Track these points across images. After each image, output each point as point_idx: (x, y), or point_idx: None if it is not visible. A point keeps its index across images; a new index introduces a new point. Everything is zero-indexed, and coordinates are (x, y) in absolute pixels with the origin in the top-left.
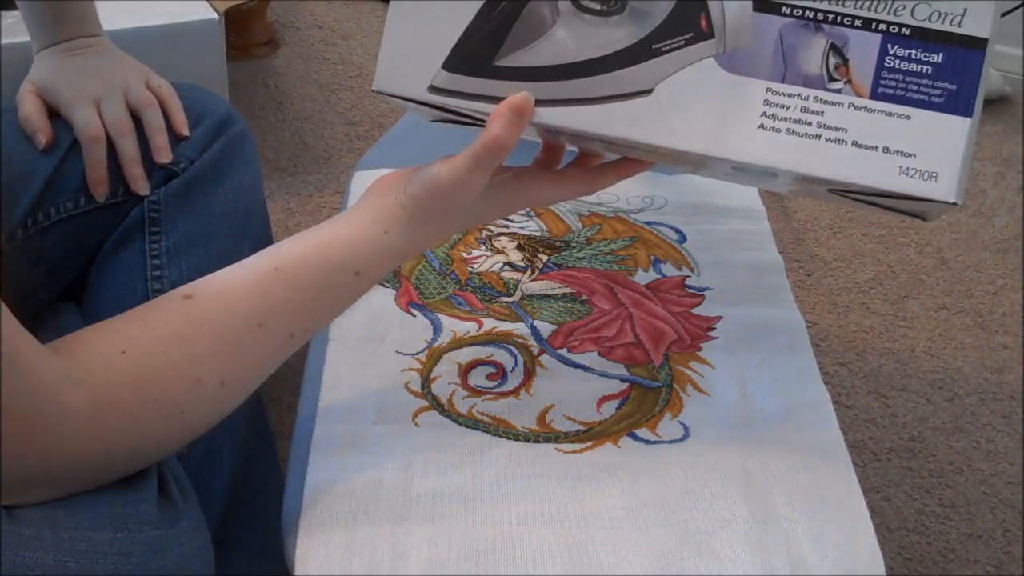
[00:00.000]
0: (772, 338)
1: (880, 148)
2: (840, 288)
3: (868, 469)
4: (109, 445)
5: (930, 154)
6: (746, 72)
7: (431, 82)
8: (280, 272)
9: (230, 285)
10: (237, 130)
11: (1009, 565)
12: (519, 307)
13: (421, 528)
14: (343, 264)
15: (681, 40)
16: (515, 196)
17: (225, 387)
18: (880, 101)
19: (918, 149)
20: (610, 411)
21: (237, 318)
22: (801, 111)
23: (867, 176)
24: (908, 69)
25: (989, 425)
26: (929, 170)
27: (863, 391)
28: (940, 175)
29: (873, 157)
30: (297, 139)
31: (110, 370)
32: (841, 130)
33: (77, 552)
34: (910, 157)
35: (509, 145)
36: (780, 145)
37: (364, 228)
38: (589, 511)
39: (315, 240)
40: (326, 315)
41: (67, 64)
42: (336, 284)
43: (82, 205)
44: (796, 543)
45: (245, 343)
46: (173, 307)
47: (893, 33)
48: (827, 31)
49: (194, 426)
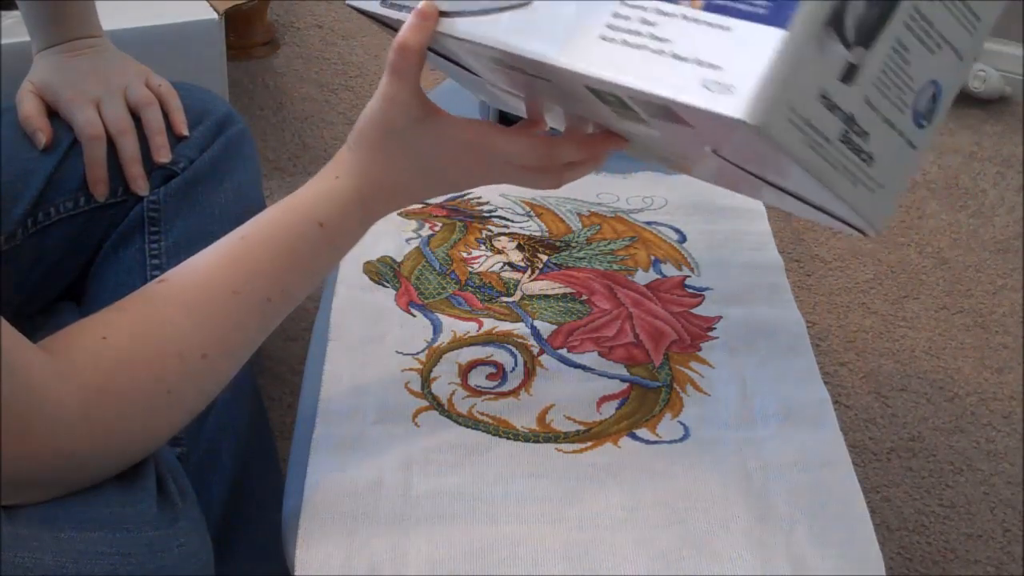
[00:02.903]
0: (772, 338)
1: (692, 60)
2: (840, 288)
3: (868, 469)
4: (103, 434)
5: (734, 67)
6: None
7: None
8: (246, 239)
9: (200, 261)
10: (237, 130)
11: (1009, 565)
12: (519, 307)
13: (421, 528)
14: (304, 218)
15: None
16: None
17: (208, 359)
18: (709, 12)
19: (725, 62)
20: (610, 411)
21: (210, 289)
22: (640, 22)
23: (666, 87)
24: None
25: (989, 425)
26: (726, 83)
27: (863, 391)
28: (736, 88)
29: (681, 68)
30: (297, 139)
31: (94, 357)
32: (665, 41)
33: (76, 552)
34: (715, 69)
35: (416, 47)
36: (610, 54)
37: (319, 180)
38: (589, 511)
39: (278, 204)
40: (301, 273)
41: (67, 64)
42: (301, 238)
43: (82, 205)
44: (796, 543)
45: (221, 312)
46: (148, 291)
47: None
48: None
49: (183, 404)
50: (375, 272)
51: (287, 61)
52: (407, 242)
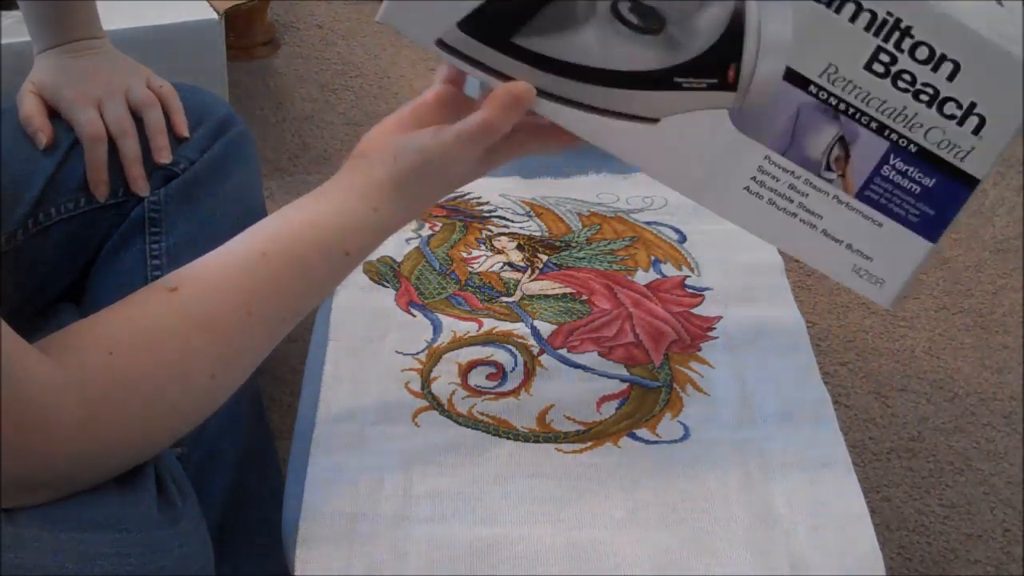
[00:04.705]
0: (772, 338)
1: (844, 243)
2: (840, 288)
3: (868, 469)
4: (103, 445)
5: (885, 263)
6: (752, 134)
7: (441, 35)
8: (267, 257)
9: (215, 274)
10: (237, 131)
11: (1009, 565)
12: (519, 307)
13: (421, 528)
14: (332, 246)
15: (704, 83)
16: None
17: (217, 379)
18: (862, 203)
19: (877, 255)
20: (610, 411)
21: (225, 308)
22: (788, 187)
23: (822, 263)
24: (899, 183)
25: (989, 425)
26: (879, 276)
27: (863, 391)
28: (886, 284)
29: (835, 249)
30: (297, 139)
31: (99, 371)
32: (817, 216)
33: (76, 553)
34: (867, 259)
35: (502, 130)
36: (757, 211)
37: (353, 206)
38: (589, 511)
39: (301, 220)
40: (316, 296)
41: (68, 65)
42: (325, 266)
43: (82, 205)
44: (796, 543)
45: (234, 333)
46: (158, 301)
47: (901, 146)
48: (843, 123)
49: (187, 419)
50: (375, 272)
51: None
52: (407, 242)
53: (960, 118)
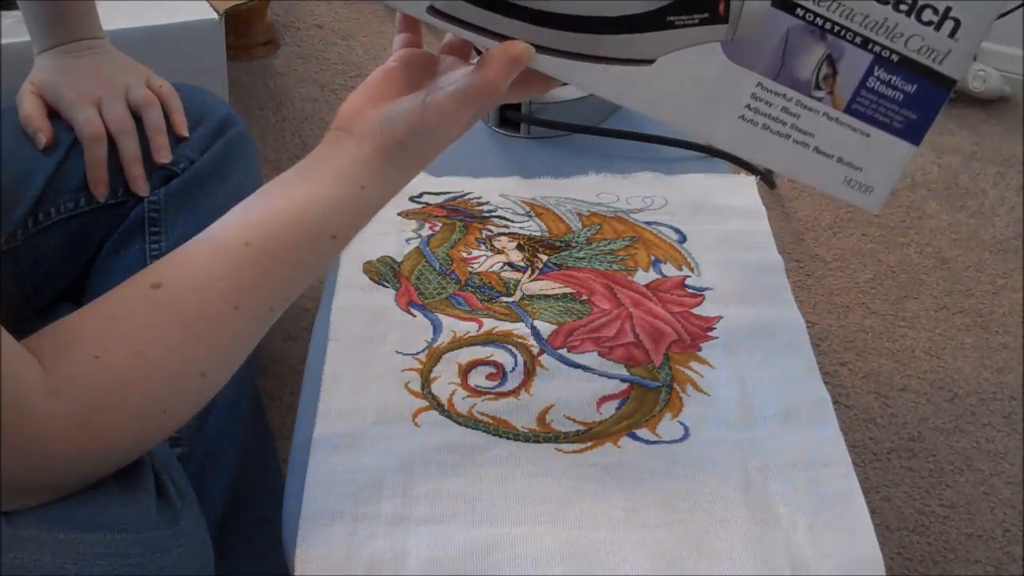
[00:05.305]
0: (772, 338)
1: (836, 157)
2: (840, 288)
3: (868, 469)
4: (95, 448)
5: (873, 170)
6: (744, 63)
7: (432, 2)
8: (251, 247)
9: (200, 268)
10: (237, 131)
11: (1009, 565)
12: (519, 307)
13: (421, 528)
14: (319, 229)
15: (696, 18)
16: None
17: (207, 376)
18: (851, 116)
19: (865, 164)
20: (610, 411)
21: (210, 304)
22: (781, 110)
23: (816, 178)
24: (884, 93)
25: (989, 425)
26: (868, 184)
27: (863, 391)
28: (875, 190)
29: (827, 164)
30: (297, 139)
31: (88, 378)
32: (809, 135)
33: (76, 554)
34: (857, 170)
35: (501, 91)
36: (753, 137)
37: (340, 187)
38: (589, 511)
39: (286, 205)
40: (304, 282)
41: (68, 65)
42: (311, 251)
43: (82, 205)
44: (796, 543)
45: (222, 329)
46: (141, 298)
47: (883, 57)
48: (829, 41)
49: (179, 417)
50: (375, 272)
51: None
52: (407, 242)
53: (937, 23)
